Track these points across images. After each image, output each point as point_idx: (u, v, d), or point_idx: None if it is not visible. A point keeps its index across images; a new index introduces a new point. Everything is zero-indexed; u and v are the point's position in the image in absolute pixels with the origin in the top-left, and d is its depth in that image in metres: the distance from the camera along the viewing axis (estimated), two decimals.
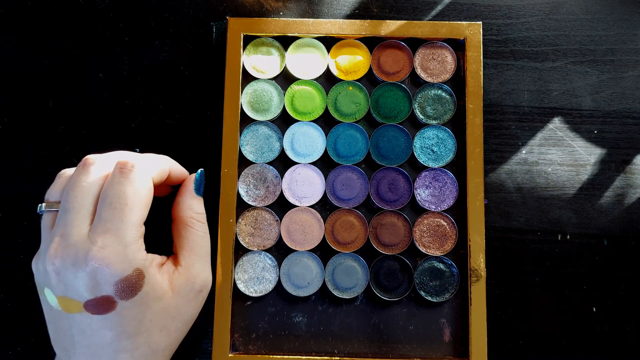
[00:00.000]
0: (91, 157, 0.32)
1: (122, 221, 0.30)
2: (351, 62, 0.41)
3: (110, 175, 0.31)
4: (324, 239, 0.39)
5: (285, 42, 0.41)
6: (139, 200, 0.30)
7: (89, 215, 0.30)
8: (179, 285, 0.32)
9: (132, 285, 0.30)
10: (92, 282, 0.29)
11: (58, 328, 0.31)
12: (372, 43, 0.41)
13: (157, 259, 0.33)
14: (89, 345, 0.30)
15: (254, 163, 0.40)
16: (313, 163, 0.40)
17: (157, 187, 0.34)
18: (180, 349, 0.34)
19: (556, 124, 0.41)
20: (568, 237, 0.40)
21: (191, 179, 0.36)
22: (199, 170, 0.36)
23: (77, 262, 0.29)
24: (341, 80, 0.40)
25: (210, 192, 0.39)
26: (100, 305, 0.29)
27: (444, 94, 0.40)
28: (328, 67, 0.41)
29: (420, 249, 0.39)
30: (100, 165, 0.32)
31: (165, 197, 0.38)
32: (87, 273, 0.29)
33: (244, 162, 0.40)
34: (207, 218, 0.36)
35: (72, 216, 0.30)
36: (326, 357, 0.38)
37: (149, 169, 0.32)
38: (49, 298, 0.30)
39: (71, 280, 0.29)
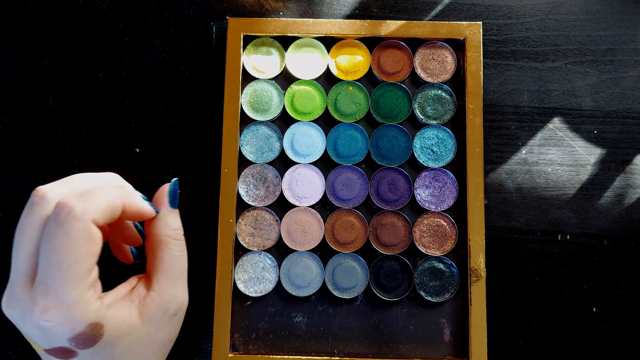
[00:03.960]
0: (39, 191, 0.28)
1: (61, 280, 0.26)
2: (351, 62, 0.41)
3: (49, 219, 0.27)
4: (324, 239, 0.39)
5: (285, 42, 0.41)
6: (77, 253, 0.26)
7: (32, 266, 0.27)
8: (151, 312, 0.29)
9: (88, 338, 0.27)
10: (45, 336, 0.27)
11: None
12: (372, 43, 0.40)
13: (121, 290, 0.30)
14: None
15: (254, 163, 0.40)
16: (313, 163, 0.40)
17: (123, 234, 0.31)
18: (180, 349, 0.34)
19: (556, 124, 0.41)
20: (568, 237, 0.40)
21: (164, 192, 0.31)
22: (173, 180, 0.31)
23: (24, 317, 0.27)
24: (341, 80, 0.40)
25: (210, 192, 0.39)
26: (60, 353, 0.27)
27: (444, 94, 0.40)
28: (328, 67, 0.40)
29: (420, 249, 0.39)
30: (48, 200, 0.28)
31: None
32: (37, 328, 0.26)
33: (244, 162, 0.40)
34: (207, 218, 0.36)
35: (17, 264, 0.27)
36: (326, 357, 0.38)
37: (91, 209, 0.27)
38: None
39: (26, 329, 0.27)
